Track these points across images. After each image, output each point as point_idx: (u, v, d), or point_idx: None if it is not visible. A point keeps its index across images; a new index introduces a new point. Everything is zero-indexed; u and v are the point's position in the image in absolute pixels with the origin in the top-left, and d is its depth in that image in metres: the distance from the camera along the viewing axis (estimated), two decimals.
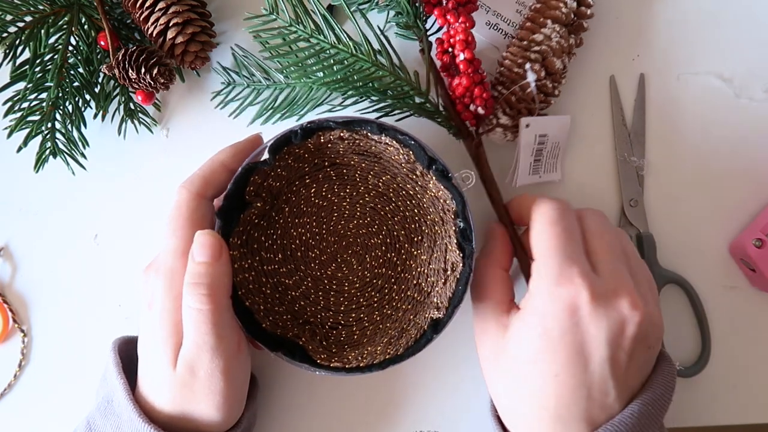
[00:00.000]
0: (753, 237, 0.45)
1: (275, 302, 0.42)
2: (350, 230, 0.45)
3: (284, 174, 0.41)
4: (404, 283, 0.44)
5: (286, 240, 0.44)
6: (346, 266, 0.45)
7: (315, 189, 0.43)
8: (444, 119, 0.44)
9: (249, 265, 0.40)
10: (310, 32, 0.42)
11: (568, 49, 0.44)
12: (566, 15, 0.44)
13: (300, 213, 0.44)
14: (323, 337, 0.42)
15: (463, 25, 0.42)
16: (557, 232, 0.37)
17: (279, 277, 0.43)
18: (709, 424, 0.47)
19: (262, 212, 0.41)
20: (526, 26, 0.45)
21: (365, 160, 0.42)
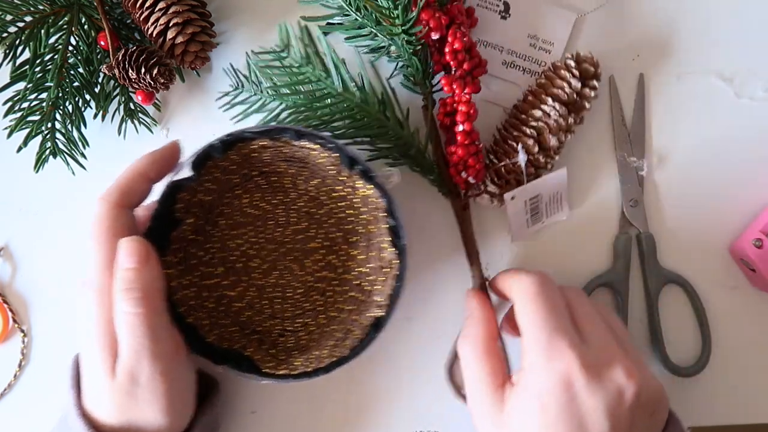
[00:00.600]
0: (753, 237, 0.45)
1: (220, 315, 0.42)
2: (288, 236, 0.44)
3: (214, 187, 0.41)
4: (346, 285, 0.44)
5: (226, 252, 0.44)
6: (288, 272, 0.45)
7: (248, 199, 0.43)
8: (436, 177, 0.45)
9: (189, 282, 0.40)
10: (318, 76, 0.43)
11: (566, 128, 0.44)
12: (569, 95, 0.44)
13: (236, 224, 0.44)
14: (270, 345, 0.42)
15: (467, 96, 0.42)
16: (540, 305, 0.36)
17: (222, 290, 0.43)
18: (709, 424, 0.47)
19: (196, 227, 0.41)
20: (528, 99, 0.45)
21: (293, 166, 0.42)
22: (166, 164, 0.39)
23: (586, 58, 0.45)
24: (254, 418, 0.47)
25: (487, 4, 0.47)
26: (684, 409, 0.47)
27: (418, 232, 0.47)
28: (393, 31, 0.42)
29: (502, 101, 0.48)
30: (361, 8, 0.42)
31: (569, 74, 0.44)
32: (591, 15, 0.48)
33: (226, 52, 0.48)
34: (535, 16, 0.47)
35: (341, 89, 0.43)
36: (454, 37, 0.42)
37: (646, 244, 0.47)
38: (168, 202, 0.38)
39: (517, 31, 0.48)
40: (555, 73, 0.45)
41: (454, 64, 0.43)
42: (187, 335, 0.38)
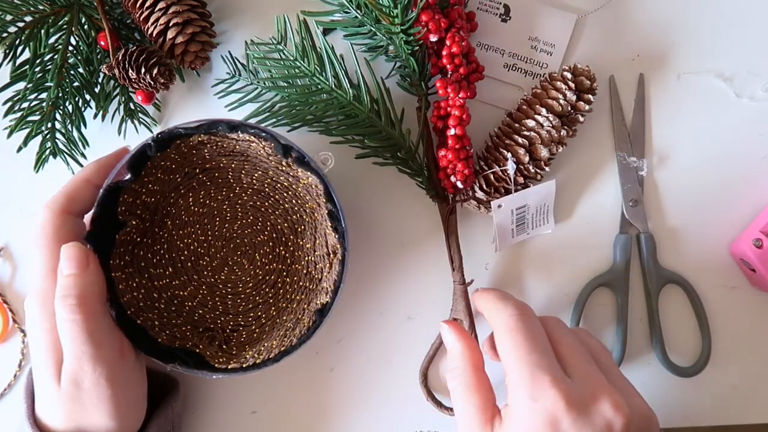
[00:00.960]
0: (753, 237, 0.45)
1: (172, 315, 0.42)
2: (235, 232, 0.45)
3: (156, 188, 0.41)
4: (296, 275, 0.44)
5: (174, 252, 0.44)
6: (238, 268, 0.45)
7: (192, 197, 0.43)
8: (424, 180, 0.45)
9: (138, 284, 0.40)
10: (312, 71, 0.43)
11: (559, 140, 0.44)
12: (563, 107, 0.44)
13: (183, 224, 0.44)
14: (222, 341, 0.42)
15: (461, 101, 0.43)
16: (521, 339, 0.36)
17: (173, 290, 0.43)
18: (709, 424, 0.47)
19: (142, 230, 0.41)
20: (522, 108, 0.45)
21: (233, 160, 0.42)
22: (111, 167, 0.39)
23: (583, 71, 0.45)
24: (254, 418, 0.47)
25: (488, 7, 0.48)
26: (684, 409, 0.47)
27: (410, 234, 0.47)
28: (392, 30, 0.42)
29: (504, 104, 0.48)
30: (362, 6, 0.42)
31: (565, 86, 0.44)
32: (591, 16, 0.48)
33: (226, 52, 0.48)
34: (535, 18, 0.47)
35: (335, 85, 0.43)
36: (452, 41, 0.42)
37: (646, 244, 0.47)
38: (108, 205, 0.38)
39: (517, 34, 0.48)
40: (551, 84, 0.45)
41: (450, 67, 0.43)
42: (137, 337, 0.38)
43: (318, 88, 0.43)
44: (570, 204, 0.48)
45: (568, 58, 0.48)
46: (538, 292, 0.48)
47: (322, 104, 0.43)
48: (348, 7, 0.43)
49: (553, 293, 0.48)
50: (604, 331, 0.48)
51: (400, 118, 0.44)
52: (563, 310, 0.47)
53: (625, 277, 0.47)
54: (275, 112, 0.45)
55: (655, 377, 0.47)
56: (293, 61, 0.43)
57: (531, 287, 0.48)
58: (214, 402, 0.47)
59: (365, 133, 0.43)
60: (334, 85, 0.43)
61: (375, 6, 0.41)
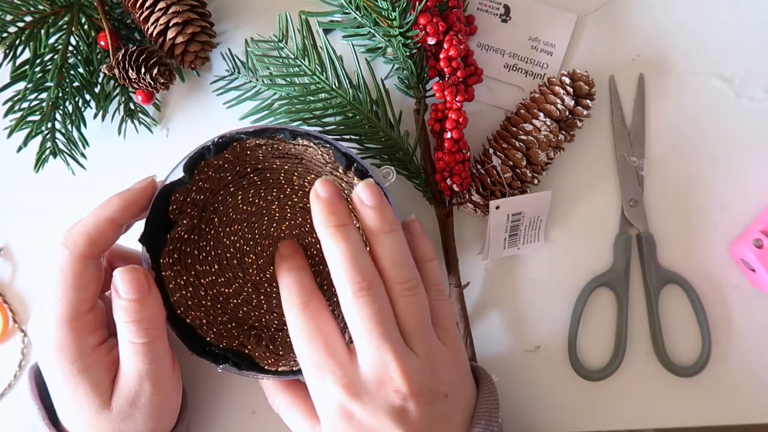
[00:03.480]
0: (753, 237, 0.45)
1: (217, 313, 0.42)
2: (283, 232, 0.44)
3: (207, 186, 0.41)
4: None
5: (220, 250, 0.43)
6: None
7: (242, 196, 0.43)
8: (421, 182, 0.45)
9: (185, 282, 0.40)
10: (313, 69, 0.43)
11: (556, 144, 0.44)
12: (561, 111, 0.44)
13: (230, 221, 0.43)
14: (269, 340, 0.42)
15: (458, 104, 0.43)
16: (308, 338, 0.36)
17: (218, 288, 0.43)
18: (709, 424, 0.47)
19: (191, 227, 0.41)
20: (520, 113, 0.45)
21: (287, 163, 0.42)
22: (138, 208, 0.37)
23: (582, 76, 0.45)
24: (254, 418, 0.47)
25: (488, 7, 0.48)
26: (684, 409, 0.47)
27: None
28: (390, 32, 0.42)
29: (504, 104, 0.48)
30: (361, 8, 0.42)
31: (563, 91, 0.44)
32: (591, 16, 0.48)
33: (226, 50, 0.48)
34: (535, 18, 0.47)
35: (335, 85, 0.43)
36: (450, 44, 0.42)
37: (646, 244, 0.47)
38: (161, 206, 0.38)
39: (518, 34, 0.48)
40: (549, 89, 0.45)
41: (448, 70, 0.43)
42: (187, 336, 0.38)
43: (318, 87, 0.43)
44: (570, 204, 0.48)
45: (569, 58, 0.48)
46: (538, 292, 0.48)
47: (321, 104, 0.43)
48: (347, 9, 0.43)
49: (553, 293, 0.48)
50: (604, 331, 0.48)
51: (398, 120, 0.44)
52: (563, 310, 0.47)
53: (625, 277, 0.47)
54: (274, 111, 0.45)
55: (655, 377, 0.47)
56: (294, 59, 0.43)
57: (530, 287, 0.48)
58: (214, 402, 0.47)
59: (364, 134, 0.43)
60: (335, 84, 0.43)
61: (373, 8, 0.41)
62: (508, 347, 0.47)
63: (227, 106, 0.47)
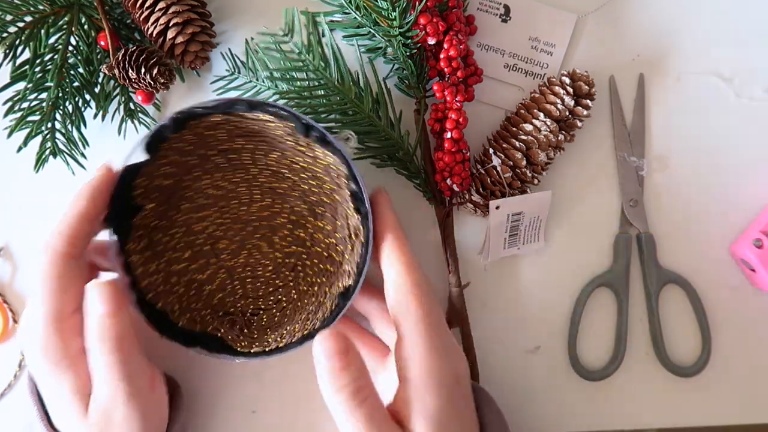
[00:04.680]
0: (753, 237, 0.45)
1: (191, 300, 0.42)
2: (253, 214, 0.44)
3: (172, 171, 0.40)
4: (316, 257, 0.44)
5: (191, 236, 0.43)
6: (256, 251, 0.44)
7: (208, 180, 0.42)
8: (421, 182, 0.45)
9: (156, 268, 0.40)
10: (317, 65, 0.43)
11: (556, 144, 0.44)
12: (560, 111, 0.44)
13: (199, 207, 0.43)
14: (243, 325, 0.42)
15: (458, 104, 0.43)
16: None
17: (191, 275, 0.43)
18: (709, 424, 0.47)
19: (159, 213, 0.40)
20: (520, 113, 0.45)
21: (250, 141, 0.41)
22: (104, 195, 0.37)
23: (582, 76, 0.45)
24: (254, 418, 0.47)
25: (488, 7, 0.48)
26: (684, 409, 0.47)
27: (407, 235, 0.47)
28: (390, 32, 0.42)
29: (504, 105, 0.48)
30: (361, 8, 0.42)
31: (563, 91, 0.44)
32: (591, 16, 0.48)
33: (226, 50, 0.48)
34: (535, 18, 0.47)
35: (338, 81, 0.43)
36: (450, 44, 0.42)
37: (646, 244, 0.47)
38: (125, 188, 0.37)
39: (518, 34, 0.48)
40: (549, 89, 0.45)
41: (448, 70, 0.43)
42: (158, 322, 0.38)
43: (320, 84, 0.43)
44: (570, 204, 0.48)
45: (569, 58, 0.48)
46: (538, 292, 0.48)
47: (321, 101, 0.43)
48: (347, 9, 0.43)
49: (553, 293, 0.48)
50: (604, 331, 0.48)
51: (398, 120, 0.44)
52: (563, 310, 0.47)
53: (625, 277, 0.47)
54: None
55: (655, 377, 0.47)
56: (298, 54, 0.43)
57: (530, 288, 0.48)
58: (214, 402, 0.47)
59: (364, 133, 0.43)
60: (338, 81, 0.43)
61: (373, 8, 0.41)
62: (508, 347, 0.47)
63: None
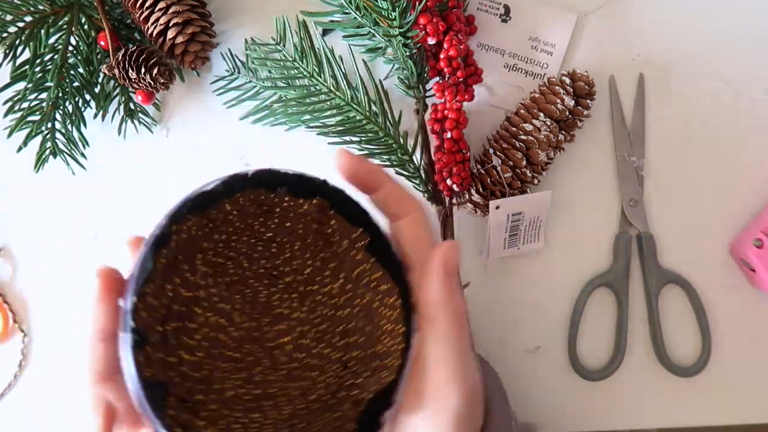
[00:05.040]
0: (753, 237, 0.45)
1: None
2: (243, 322, 0.31)
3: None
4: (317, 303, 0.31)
5: (237, 409, 0.29)
6: (282, 337, 0.31)
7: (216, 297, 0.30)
8: (421, 182, 0.45)
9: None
10: (311, 71, 0.43)
11: (556, 144, 0.44)
12: (560, 111, 0.44)
13: (208, 380, 0.29)
14: None
15: (458, 104, 0.43)
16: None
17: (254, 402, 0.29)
18: (709, 424, 0.47)
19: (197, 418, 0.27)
20: (520, 113, 0.45)
21: (218, 279, 0.31)
22: (115, 302, 0.29)
23: (582, 76, 0.45)
24: None
25: (488, 8, 0.48)
26: (684, 409, 0.47)
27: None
28: (390, 32, 0.42)
29: (505, 104, 0.48)
30: (361, 8, 0.42)
31: (563, 91, 0.44)
32: (591, 16, 0.48)
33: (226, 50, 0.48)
34: (535, 18, 0.47)
35: (333, 86, 0.43)
36: (450, 44, 0.42)
37: (646, 244, 0.47)
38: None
39: (518, 34, 0.48)
40: (549, 89, 0.45)
41: (448, 71, 0.43)
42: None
43: (317, 89, 0.43)
44: (570, 204, 0.48)
45: (569, 58, 0.48)
46: (538, 292, 0.48)
47: (320, 105, 0.43)
48: (347, 9, 0.43)
49: (553, 293, 0.48)
50: (604, 331, 0.48)
51: (398, 120, 0.44)
52: (563, 310, 0.47)
53: (625, 277, 0.47)
54: (273, 111, 0.45)
55: (655, 377, 0.47)
56: (292, 61, 0.44)
57: (530, 288, 0.48)
58: None
59: (363, 134, 0.43)
60: (333, 86, 0.43)
61: (373, 8, 0.41)
62: (508, 347, 0.47)
63: (227, 106, 0.47)
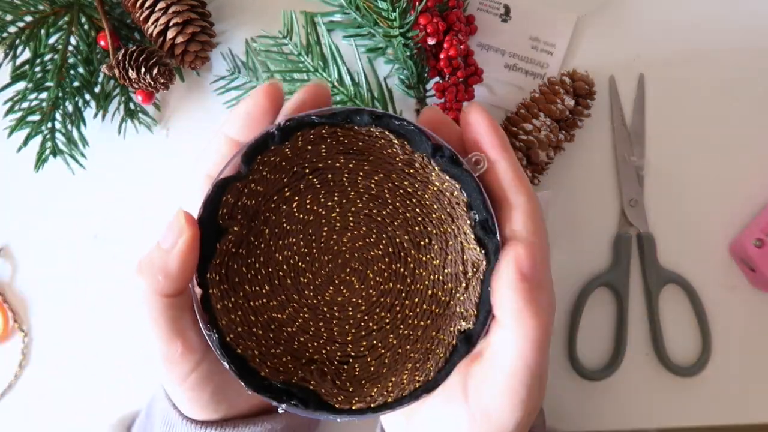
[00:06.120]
0: (753, 237, 0.45)
1: (270, 343, 0.34)
2: (345, 244, 0.37)
3: (260, 189, 0.33)
4: (417, 296, 0.37)
5: (271, 267, 0.36)
6: (346, 288, 0.37)
7: (297, 202, 0.35)
8: None
9: (233, 304, 0.33)
10: (316, 66, 0.43)
11: (556, 144, 0.44)
12: (561, 111, 0.44)
13: (283, 233, 0.36)
14: (334, 375, 0.35)
15: (458, 105, 0.43)
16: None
17: (270, 313, 0.35)
18: (709, 424, 0.47)
19: (239, 238, 0.34)
20: (520, 112, 0.45)
21: (352, 160, 0.35)
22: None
23: (582, 76, 0.45)
24: None
25: (488, 7, 0.48)
26: (684, 409, 0.47)
27: None
28: (390, 33, 0.42)
29: (505, 105, 0.48)
30: (361, 8, 0.42)
31: (563, 91, 0.44)
32: (591, 16, 0.48)
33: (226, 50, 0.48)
34: (535, 18, 0.47)
35: (337, 82, 0.43)
36: (450, 44, 0.42)
37: (646, 244, 0.47)
38: (215, 206, 0.31)
39: (518, 34, 0.48)
40: (549, 89, 0.45)
41: (447, 71, 0.43)
42: (241, 370, 0.31)
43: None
44: (570, 204, 0.48)
45: (569, 58, 0.48)
46: None
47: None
48: (347, 9, 0.43)
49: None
50: (604, 331, 0.48)
51: None
52: (563, 310, 0.47)
53: (625, 277, 0.47)
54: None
55: (655, 377, 0.47)
56: (297, 55, 0.44)
57: None
58: None
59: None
60: (337, 81, 0.43)
61: (373, 9, 0.41)
62: None
63: (227, 106, 0.47)
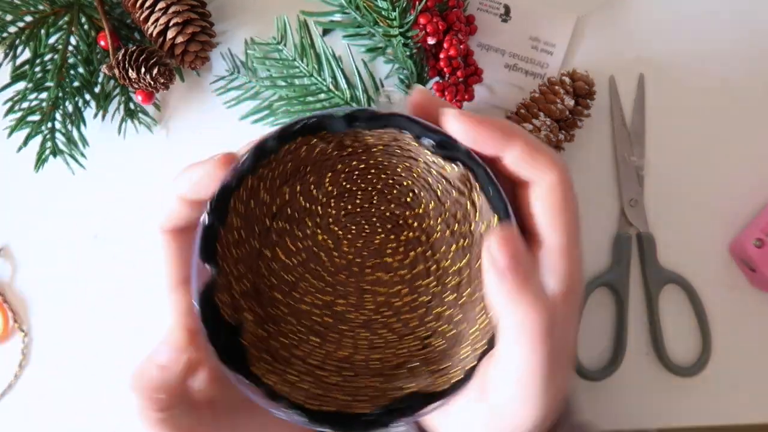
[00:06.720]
0: (753, 237, 0.45)
1: (350, 386, 0.30)
2: (349, 253, 0.33)
3: (242, 270, 0.29)
4: (440, 243, 0.32)
5: (305, 319, 0.31)
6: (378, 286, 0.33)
7: (282, 253, 0.32)
8: None
9: (297, 377, 0.29)
10: (310, 71, 0.43)
11: (556, 144, 0.44)
12: (560, 111, 0.44)
13: (291, 285, 0.32)
14: (423, 363, 0.30)
15: (458, 104, 0.43)
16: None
17: (332, 360, 0.31)
18: (709, 424, 0.47)
19: (259, 319, 0.29)
20: (520, 112, 0.45)
21: (309, 176, 0.31)
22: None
23: (582, 76, 0.45)
24: None
25: (488, 7, 0.48)
26: (684, 409, 0.47)
27: None
28: (390, 32, 0.42)
29: (505, 105, 0.48)
30: (361, 8, 0.42)
31: (563, 91, 0.44)
32: (591, 16, 0.48)
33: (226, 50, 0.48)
34: (535, 18, 0.47)
35: (332, 85, 0.43)
36: (450, 44, 0.42)
37: (646, 244, 0.47)
38: (215, 313, 0.27)
39: (518, 34, 0.48)
40: (549, 89, 0.45)
41: (447, 70, 0.43)
42: (338, 420, 0.27)
43: (316, 88, 0.43)
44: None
45: (569, 58, 0.48)
46: None
47: (320, 104, 0.43)
48: (347, 9, 0.43)
49: None
50: (604, 331, 0.48)
51: None
52: None
53: (625, 277, 0.47)
54: (274, 110, 0.45)
55: (655, 377, 0.47)
56: (292, 60, 0.44)
57: None
58: None
59: None
60: (331, 85, 0.43)
61: (373, 8, 0.41)
62: None
63: (227, 106, 0.47)
